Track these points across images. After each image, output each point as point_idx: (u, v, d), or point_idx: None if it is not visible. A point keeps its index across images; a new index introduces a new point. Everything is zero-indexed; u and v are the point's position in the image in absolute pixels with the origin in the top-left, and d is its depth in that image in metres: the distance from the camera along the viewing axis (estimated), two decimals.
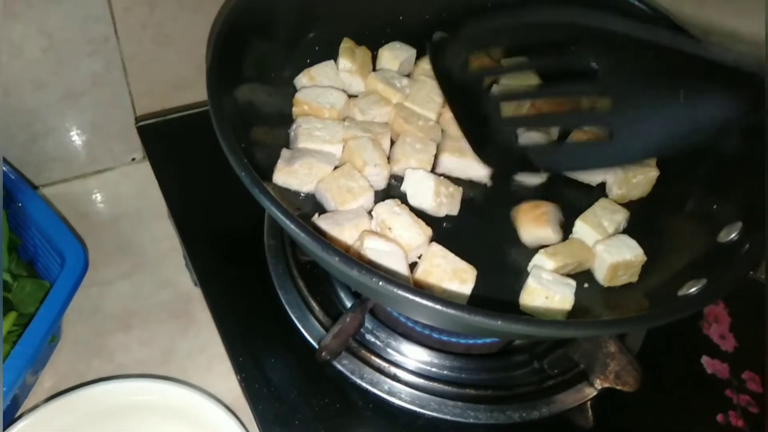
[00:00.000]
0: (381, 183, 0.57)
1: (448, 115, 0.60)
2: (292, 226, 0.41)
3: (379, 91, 0.61)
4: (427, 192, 0.55)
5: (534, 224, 0.55)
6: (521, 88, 0.60)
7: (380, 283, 0.39)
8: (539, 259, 0.51)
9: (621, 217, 0.56)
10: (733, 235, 0.51)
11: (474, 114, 0.56)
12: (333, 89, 0.59)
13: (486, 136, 0.56)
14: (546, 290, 0.48)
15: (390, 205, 0.52)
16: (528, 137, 0.59)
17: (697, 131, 0.47)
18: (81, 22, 0.65)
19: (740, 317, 0.65)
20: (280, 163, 0.53)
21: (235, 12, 0.53)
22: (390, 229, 0.51)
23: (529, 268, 0.52)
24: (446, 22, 0.65)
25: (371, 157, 0.55)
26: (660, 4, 0.64)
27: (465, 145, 0.56)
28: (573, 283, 0.50)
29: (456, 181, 0.58)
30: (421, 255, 0.51)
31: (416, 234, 0.51)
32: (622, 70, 0.50)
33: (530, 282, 0.49)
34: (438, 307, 0.38)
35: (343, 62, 0.62)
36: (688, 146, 0.52)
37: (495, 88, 0.61)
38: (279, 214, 0.42)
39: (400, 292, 0.39)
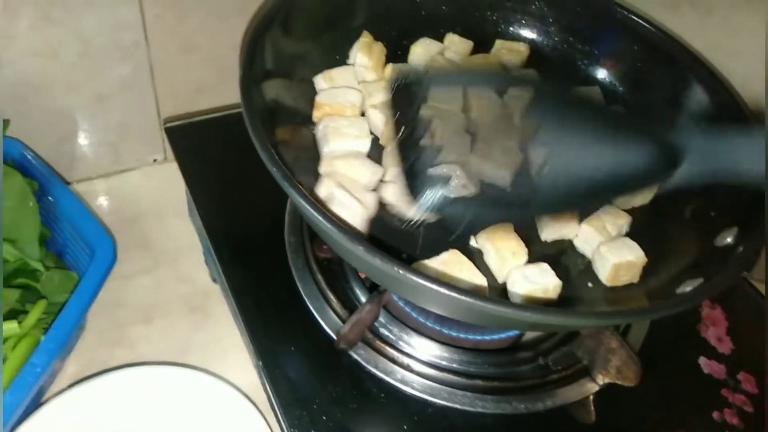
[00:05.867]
0: None
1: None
2: (320, 218, 0.44)
3: None
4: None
5: (563, 219, 0.58)
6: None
7: (400, 271, 0.42)
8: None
9: (624, 221, 0.59)
10: (728, 239, 0.54)
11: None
12: (348, 88, 0.61)
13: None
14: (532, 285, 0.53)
15: None
16: (454, 187, 0.54)
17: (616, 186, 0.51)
18: (115, 28, 0.69)
19: (737, 322, 0.68)
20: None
21: (267, 18, 0.56)
22: None
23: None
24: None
25: None
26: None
27: (490, 149, 0.56)
28: (546, 266, 0.54)
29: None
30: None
31: None
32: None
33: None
34: (453, 294, 0.42)
35: (360, 57, 0.64)
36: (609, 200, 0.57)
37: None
38: (308, 207, 0.45)
39: (418, 280, 0.42)
